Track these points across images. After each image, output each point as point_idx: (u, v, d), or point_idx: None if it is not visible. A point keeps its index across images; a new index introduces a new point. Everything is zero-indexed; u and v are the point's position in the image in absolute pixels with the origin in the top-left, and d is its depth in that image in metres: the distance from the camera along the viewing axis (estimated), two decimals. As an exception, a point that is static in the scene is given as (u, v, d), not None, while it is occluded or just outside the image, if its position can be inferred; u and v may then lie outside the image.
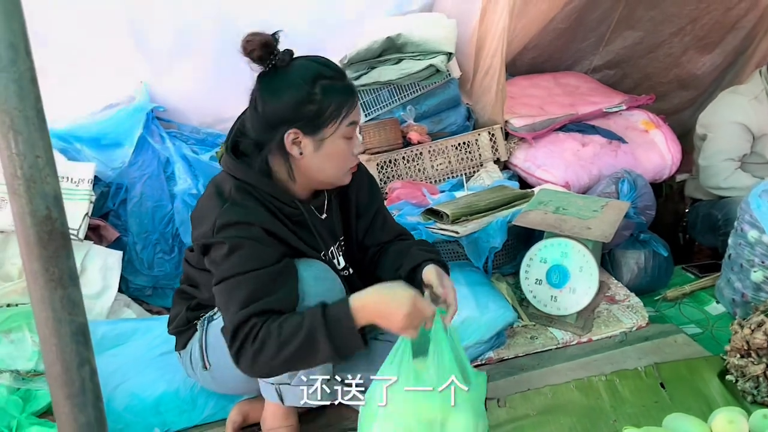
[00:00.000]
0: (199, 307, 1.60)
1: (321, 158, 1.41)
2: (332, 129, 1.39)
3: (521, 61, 3.33)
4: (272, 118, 1.37)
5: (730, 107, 2.66)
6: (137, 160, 2.57)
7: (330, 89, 1.37)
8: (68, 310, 0.60)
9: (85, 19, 2.20)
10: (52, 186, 0.59)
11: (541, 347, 2.05)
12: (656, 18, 3.18)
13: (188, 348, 1.62)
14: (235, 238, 1.35)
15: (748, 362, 1.76)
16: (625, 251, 2.43)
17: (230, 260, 1.34)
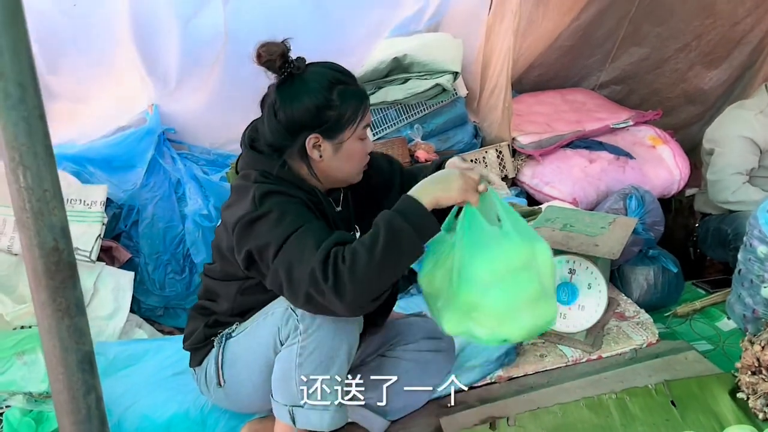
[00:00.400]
0: (216, 324, 1.60)
1: (340, 160, 1.47)
2: (350, 132, 1.44)
3: (527, 79, 3.35)
4: (293, 125, 1.42)
5: (736, 122, 2.66)
6: (149, 181, 2.60)
7: (346, 94, 1.42)
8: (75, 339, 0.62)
9: (95, 45, 2.25)
10: (59, 218, 0.61)
11: (551, 365, 2.04)
12: (662, 34, 3.20)
13: (204, 365, 1.63)
14: (281, 203, 1.38)
15: (759, 379, 1.74)
16: (635, 267, 2.43)
17: (285, 220, 1.35)
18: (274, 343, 1.47)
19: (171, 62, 2.39)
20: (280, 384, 1.48)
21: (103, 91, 2.44)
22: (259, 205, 1.36)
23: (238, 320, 1.57)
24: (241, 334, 1.55)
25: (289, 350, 1.45)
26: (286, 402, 1.48)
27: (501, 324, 1.41)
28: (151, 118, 2.60)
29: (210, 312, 1.62)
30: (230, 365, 1.55)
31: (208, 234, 2.56)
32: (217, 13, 2.28)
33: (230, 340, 1.56)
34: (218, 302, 1.60)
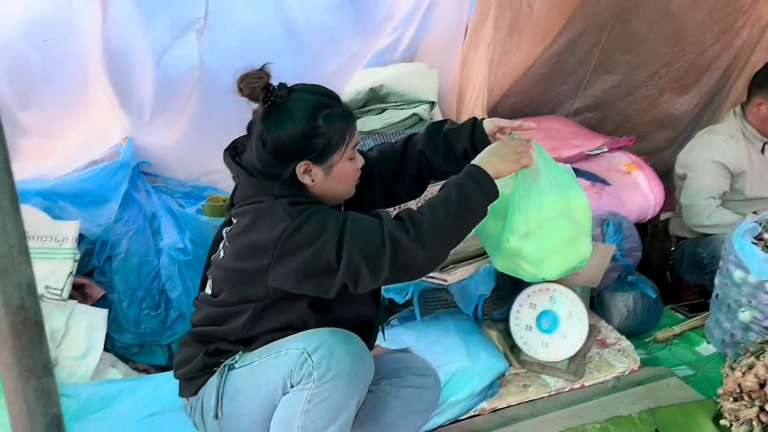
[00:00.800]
0: (218, 352, 1.55)
1: (332, 182, 1.50)
2: (339, 155, 1.47)
3: (503, 107, 3.37)
4: (281, 155, 1.44)
5: (707, 147, 2.71)
6: (123, 215, 2.55)
7: (332, 118, 1.44)
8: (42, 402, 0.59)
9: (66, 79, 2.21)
10: (26, 274, 0.58)
11: (534, 395, 2.03)
12: (633, 62, 3.26)
13: (200, 394, 1.57)
14: (313, 208, 1.42)
15: (741, 405, 1.74)
16: (614, 294, 2.43)
17: (330, 218, 1.40)
18: (284, 385, 1.44)
19: (145, 95, 2.36)
20: (281, 425, 1.44)
21: (75, 125, 2.39)
22: (294, 216, 1.38)
23: (241, 348, 1.53)
24: (246, 367, 1.50)
25: (299, 394, 1.42)
26: None
27: (539, 267, 1.68)
28: (125, 152, 2.56)
29: (210, 339, 1.57)
30: (231, 398, 1.50)
31: (184, 268, 2.51)
32: (191, 45, 2.27)
33: (233, 371, 1.52)
34: (225, 326, 1.55)
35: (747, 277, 2.04)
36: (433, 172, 1.75)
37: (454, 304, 2.29)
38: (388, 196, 1.76)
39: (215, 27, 2.22)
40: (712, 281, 2.50)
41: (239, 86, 1.41)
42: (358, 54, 2.57)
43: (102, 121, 2.47)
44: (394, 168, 1.74)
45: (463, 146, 1.68)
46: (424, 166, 1.73)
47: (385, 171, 1.73)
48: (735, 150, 2.65)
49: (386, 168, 1.73)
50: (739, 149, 2.65)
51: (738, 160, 2.65)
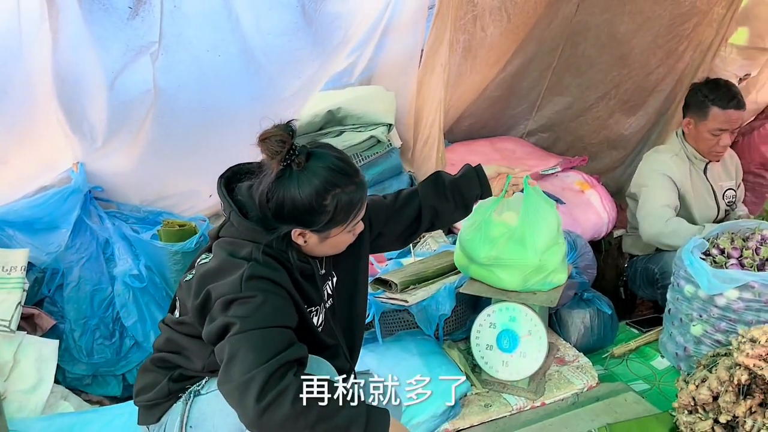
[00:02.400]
0: (182, 378, 1.52)
1: (324, 247, 1.50)
2: (338, 230, 1.47)
3: (458, 128, 3.43)
4: (283, 216, 1.41)
5: (654, 162, 2.75)
6: (74, 242, 2.48)
7: (342, 198, 1.41)
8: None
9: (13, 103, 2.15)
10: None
11: (496, 414, 2.04)
12: (582, 84, 3.36)
13: (162, 421, 1.53)
14: (265, 291, 1.37)
15: (696, 418, 1.79)
16: (571, 311, 2.47)
17: (260, 311, 1.34)
18: None
19: (97, 120, 2.31)
20: None
21: (23, 150, 2.31)
22: (243, 288, 1.35)
23: (207, 374, 1.50)
24: (212, 393, 1.47)
25: None
26: None
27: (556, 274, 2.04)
28: (77, 177, 2.49)
29: (173, 365, 1.53)
30: (196, 425, 1.47)
31: (139, 295, 2.45)
32: (145, 69, 2.23)
33: (199, 397, 1.48)
34: (187, 357, 1.52)
35: (697, 291, 2.11)
36: (441, 221, 1.85)
37: (415, 325, 2.30)
38: (371, 248, 1.78)
39: (170, 50, 2.20)
40: (663, 296, 2.56)
41: (260, 141, 1.35)
42: (315, 77, 2.57)
43: (52, 146, 2.40)
44: (384, 223, 1.76)
45: (475, 191, 1.82)
46: (434, 218, 1.82)
47: (375, 227, 1.74)
48: (679, 167, 2.72)
49: (377, 224, 1.75)
50: (683, 167, 2.72)
51: (682, 178, 2.70)
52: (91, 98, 2.24)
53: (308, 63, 2.46)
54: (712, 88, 2.63)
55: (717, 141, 2.64)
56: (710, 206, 2.76)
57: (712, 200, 2.77)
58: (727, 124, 2.61)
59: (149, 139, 2.46)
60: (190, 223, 2.63)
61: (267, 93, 2.47)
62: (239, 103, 2.47)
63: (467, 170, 1.85)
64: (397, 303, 2.25)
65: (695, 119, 2.66)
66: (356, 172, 1.46)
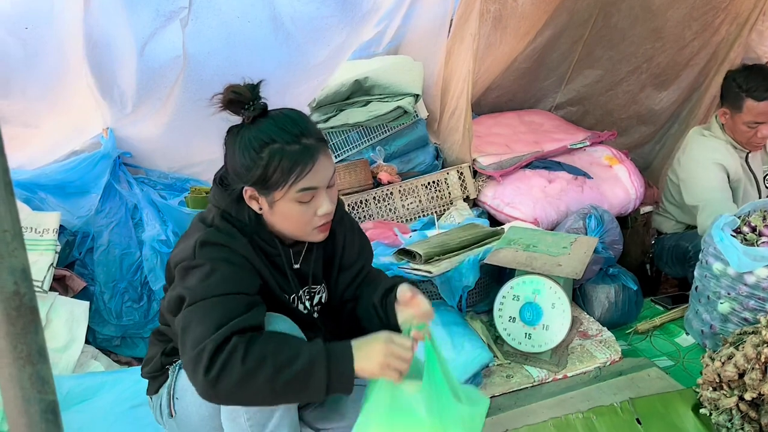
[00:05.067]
0: (173, 352, 1.55)
1: (277, 217, 1.42)
2: (281, 194, 1.38)
3: (486, 101, 3.40)
4: (232, 173, 1.41)
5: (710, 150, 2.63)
6: (104, 207, 2.53)
7: (276, 154, 1.34)
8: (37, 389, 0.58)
9: (47, 68, 2.17)
10: (20, 260, 0.57)
11: (517, 386, 2.05)
12: (614, 57, 3.29)
13: (159, 393, 1.58)
14: (216, 259, 1.34)
15: (720, 395, 1.78)
16: (596, 286, 2.46)
17: (209, 281, 1.32)
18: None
19: (127, 85, 2.33)
20: (229, 422, 1.43)
21: (55, 115, 2.35)
22: (195, 255, 1.34)
23: None
24: None
25: None
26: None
27: None
28: (106, 143, 2.53)
29: (167, 339, 1.57)
30: (180, 396, 1.51)
31: (167, 260, 2.49)
32: (175, 35, 2.24)
33: (182, 370, 1.51)
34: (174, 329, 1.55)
35: (726, 269, 2.08)
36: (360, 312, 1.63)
37: (438, 296, 2.30)
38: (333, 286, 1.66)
39: (200, 16, 2.20)
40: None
41: (220, 93, 1.36)
42: (344, 45, 2.55)
43: (83, 111, 2.43)
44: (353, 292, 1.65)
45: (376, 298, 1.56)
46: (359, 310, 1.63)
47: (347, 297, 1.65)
48: (733, 155, 2.62)
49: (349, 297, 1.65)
50: (735, 155, 2.62)
51: (735, 167, 2.60)
52: (122, 63, 2.25)
53: (336, 31, 2.45)
54: (746, 77, 2.50)
55: (755, 133, 2.53)
56: (753, 196, 2.67)
57: (753, 189, 2.69)
58: (763, 116, 2.49)
59: (177, 105, 2.48)
60: (217, 191, 2.65)
61: (295, 60, 2.47)
62: (267, 70, 2.47)
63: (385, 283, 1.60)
64: (421, 274, 2.25)
65: (731, 110, 2.57)
66: (304, 134, 1.37)
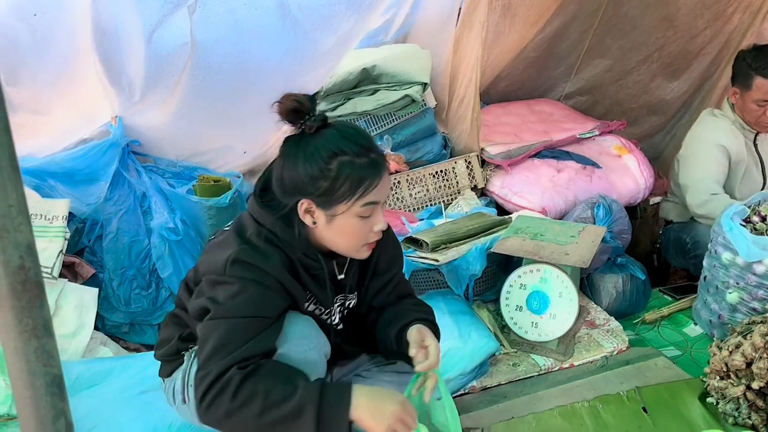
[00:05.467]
0: (190, 338, 1.55)
1: (332, 232, 1.39)
2: (344, 207, 1.35)
3: (495, 90, 3.38)
4: (289, 185, 1.37)
5: (714, 131, 2.64)
6: (113, 195, 2.54)
7: (346, 167, 1.32)
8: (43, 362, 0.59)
9: (56, 55, 2.17)
10: (26, 235, 0.58)
11: (524, 374, 2.05)
12: (624, 46, 3.27)
13: (173, 377, 1.58)
14: (245, 279, 1.34)
15: (727, 384, 1.77)
16: (603, 275, 2.45)
17: (234, 301, 1.33)
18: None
19: (135, 73, 2.33)
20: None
21: (64, 102, 2.36)
22: (225, 272, 1.35)
23: None
24: None
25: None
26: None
27: None
28: (115, 131, 2.53)
29: (184, 323, 1.56)
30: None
31: (175, 248, 2.50)
32: (183, 22, 2.23)
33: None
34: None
35: (735, 258, 2.07)
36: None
37: (445, 285, 2.30)
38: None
39: (207, 3, 2.19)
40: (696, 265, 2.54)
41: (276, 105, 1.33)
42: (351, 33, 2.54)
43: (91, 99, 2.44)
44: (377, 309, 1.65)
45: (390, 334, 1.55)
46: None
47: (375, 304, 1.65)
48: (737, 137, 2.62)
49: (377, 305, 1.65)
50: (740, 137, 2.62)
51: (739, 148, 2.60)
52: (130, 51, 2.25)
53: (344, 18, 2.44)
54: (756, 56, 2.50)
55: (763, 111, 2.53)
56: (756, 180, 2.66)
57: (759, 173, 2.67)
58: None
59: (185, 94, 2.48)
60: (225, 179, 2.66)
61: (302, 48, 2.46)
62: (275, 58, 2.46)
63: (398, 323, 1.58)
64: (428, 262, 2.25)
65: (741, 89, 2.56)
66: (372, 148, 1.37)
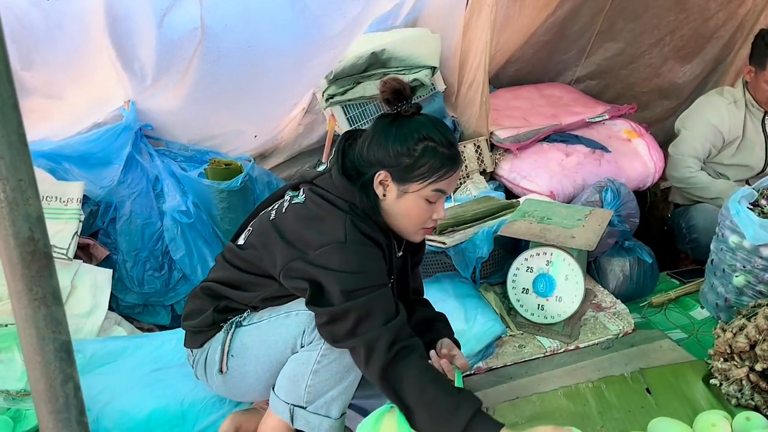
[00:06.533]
0: (227, 310, 1.58)
1: (400, 207, 1.48)
2: (418, 186, 1.45)
3: (505, 74, 3.37)
4: (374, 157, 1.47)
5: (709, 107, 2.76)
6: (126, 178, 2.58)
7: (430, 152, 1.44)
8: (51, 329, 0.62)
9: (69, 40, 2.21)
10: (35, 207, 0.61)
11: (529, 356, 2.07)
12: (636, 29, 3.24)
13: (205, 347, 1.61)
14: (367, 252, 1.42)
15: (731, 366, 1.78)
16: (611, 259, 2.46)
17: (369, 270, 1.40)
18: (294, 344, 1.48)
19: (147, 58, 2.36)
20: (288, 382, 1.48)
21: (77, 86, 2.40)
22: (348, 240, 1.40)
23: (250, 309, 1.57)
24: (254, 325, 1.54)
25: (309, 354, 1.46)
26: (290, 401, 1.49)
27: None
28: (128, 115, 2.57)
29: (221, 296, 1.58)
30: (237, 354, 1.54)
31: (187, 230, 2.55)
32: (193, 7, 2.26)
33: (241, 328, 1.55)
34: (241, 292, 1.56)
35: (742, 242, 2.07)
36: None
37: (452, 267, 2.33)
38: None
39: (217, -12, 2.22)
40: (693, 249, 2.67)
41: (380, 85, 1.46)
42: (360, 17, 2.56)
43: (105, 83, 2.48)
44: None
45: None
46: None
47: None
48: (734, 115, 2.68)
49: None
50: (737, 116, 2.68)
51: (734, 126, 2.69)
52: (141, 36, 2.28)
53: (353, 2, 2.45)
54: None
55: None
56: (758, 157, 2.69)
57: (761, 152, 2.69)
58: None
59: (196, 78, 2.51)
60: (236, 163, 2.70)
61: (312, 33, 2.48)
62: (284, 42, 2.48)
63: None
64: (435, 245, 2.28)
65: (756, 68, 2.59)
66: (454, 144, 1.49)
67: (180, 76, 2.48)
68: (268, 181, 2.81)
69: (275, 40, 2.44)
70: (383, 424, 1.39)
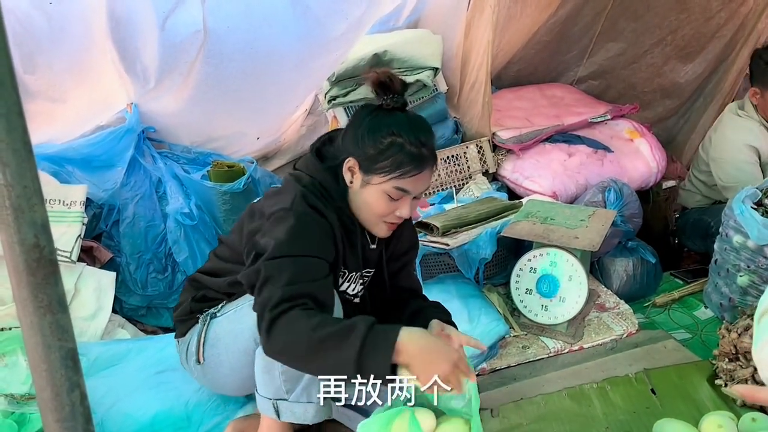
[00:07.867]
0: (204, 299, 1.64)
1: (362, 197, 1.50)
2: (379, 180, 1.47)
3: (506, 74, 3.37)
4: (345, 141, 1.51)
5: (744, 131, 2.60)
6: (129, 180, 2.59)
7: (396, 147, 1.44)
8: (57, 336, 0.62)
9: (72, 43, 2.21)
10: (40, 214, 0.61)
11: (533, 356, 2.07)
12: (637, 29, 3.24)
13: (186, 338, 1.66)
14: (309, 219, 1.43)
15: (736, 366, 1.78)
16: (614, 259, 2.46)
17: (299, 238, 1.39)
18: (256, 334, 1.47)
19: (150, 60, 2.36)
20: (264, 376, 1.49)
21: (80, 90, 2.40)
22: (293, 207, 1.42)
23: (225, 298, 1.61)
24: (225, 315, 1.58)
25: None
26: (270, 395, 1.49)
27: None
28: (131, 117, 2.57)
29: (201, 285, 1.65)
30: (211, 345, 1.58)
31: (190, 232, 2.55)
32: (195, 9, 2.26)
33: (215, 319, 1.59)
34: (217, 279, 1.62)
35: (746, 242, 2.07)
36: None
37: (456, 268, 2.32)
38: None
39: (219, -10, 2.22)
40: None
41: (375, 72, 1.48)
42: (362, 19, 2.55)
43: (107, 86, 2.48)
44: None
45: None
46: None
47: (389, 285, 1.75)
48: (766, 136, 2.58)
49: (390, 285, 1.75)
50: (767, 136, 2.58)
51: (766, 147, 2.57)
52: (144, 38, 2.29)
53: (355, 4, 2.45)
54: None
55: None
56: None
57: None
58: None
59: (199, 80, 2.51)
60: (239, 165, 2.70)
61: (314, 34, 2.48)
62: (286, 44, 2.48)
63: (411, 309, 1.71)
64: (439, 246, 2.27)
65: (761, 88, 2.53)
66: (426, 144, 1.48)
67: (182, 78, 2.49)
68: (270, 183, 2.81)
69: (278, 42, 2.44)
70: (393, 428, 1.38)
